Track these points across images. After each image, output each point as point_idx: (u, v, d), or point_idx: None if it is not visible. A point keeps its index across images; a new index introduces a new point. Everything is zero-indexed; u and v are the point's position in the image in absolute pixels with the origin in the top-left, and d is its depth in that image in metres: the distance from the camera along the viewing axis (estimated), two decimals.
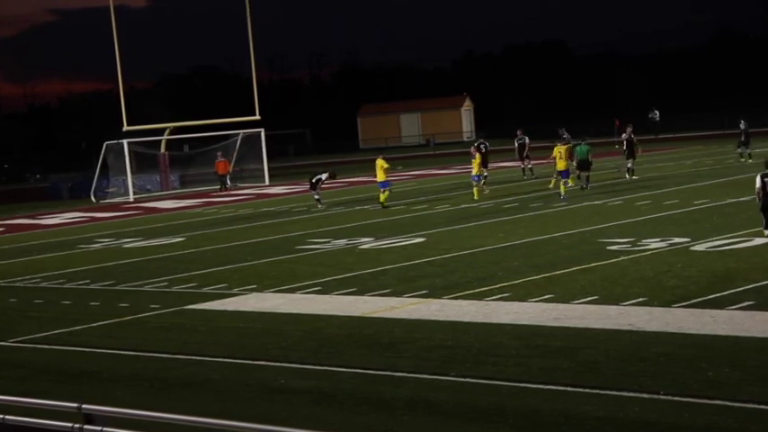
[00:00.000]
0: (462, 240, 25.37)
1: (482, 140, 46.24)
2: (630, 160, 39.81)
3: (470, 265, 21.23)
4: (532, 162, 45.76)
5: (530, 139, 47.18)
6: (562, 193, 33.84)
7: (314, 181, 39.01)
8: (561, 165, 35.09)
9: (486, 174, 42.12)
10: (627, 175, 39.44)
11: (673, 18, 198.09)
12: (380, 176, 36.75)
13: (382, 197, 36.47)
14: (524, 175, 45.47)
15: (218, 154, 56.19)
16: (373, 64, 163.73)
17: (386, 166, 36.74)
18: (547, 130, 67.72)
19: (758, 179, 21.61)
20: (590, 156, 36.95)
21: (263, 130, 58.40)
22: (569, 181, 35.57)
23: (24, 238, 36.54)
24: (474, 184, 37.07)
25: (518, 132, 47.38)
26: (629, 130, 40.73)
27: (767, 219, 21.49)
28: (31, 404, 9.36)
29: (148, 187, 57.56)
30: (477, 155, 37.08)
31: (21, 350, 16.67)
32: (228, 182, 55.63)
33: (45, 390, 13.19)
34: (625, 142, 40.52)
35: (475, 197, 36.12)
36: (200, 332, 16.77)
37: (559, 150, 35.78)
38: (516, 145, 47.23)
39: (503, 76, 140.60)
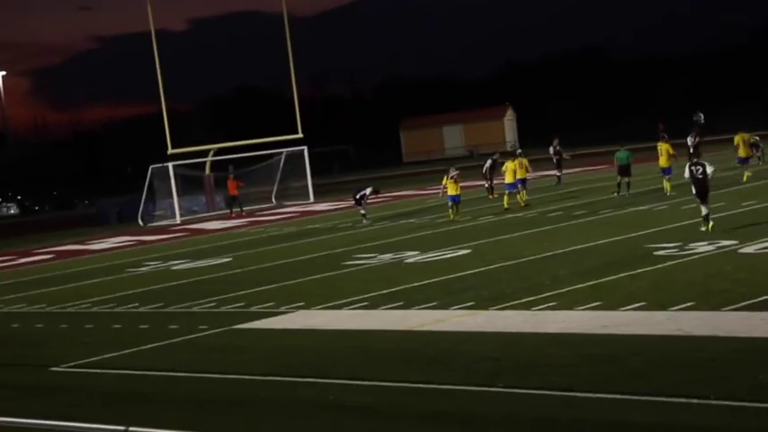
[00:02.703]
0: (507, 250, 25.31)
1: (494, 155, 47.67)
2: None
3: (516, 276, 21.18)
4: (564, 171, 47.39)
5: (565, 147, 48.36)
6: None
7: (358, 197, 39.15)
8: (662, 161, 35.64)
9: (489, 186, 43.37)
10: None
11: (710, 19, 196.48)
12: (508, 179, 37.74)
13: (507, 200, 37.36)
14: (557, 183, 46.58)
15: (230, 176, 55.67)
16: (413, 77, 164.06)
17: (513, 168, 37.84)
18: (588, 136, 67.35)
19: (686, 168, 24.83)
20: (630, 161, 37.00)
21: (305, 147, 58.62)
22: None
23: (73, 264, 36.93)
24: (450, 204, 35.70)
25: (555, 142, 47.60)
26: (694, 133, 39.34)
27: (701, 200, 24.37)
28: (79, 429, 9.44)
29: (195, 209, 57.93)
30: (455, 175, 35.66)
31: (72, 375, 16.83)
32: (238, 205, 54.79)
33: (95, 413, 13.32)
34: (692, 148, 39.05)
35: (450, 217, 35.30)
36: (248, 351, 16.86)
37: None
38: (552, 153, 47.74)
39: (543, 84, 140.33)
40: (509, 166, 38.25)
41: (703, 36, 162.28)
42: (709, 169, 24.34)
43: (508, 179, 37.91)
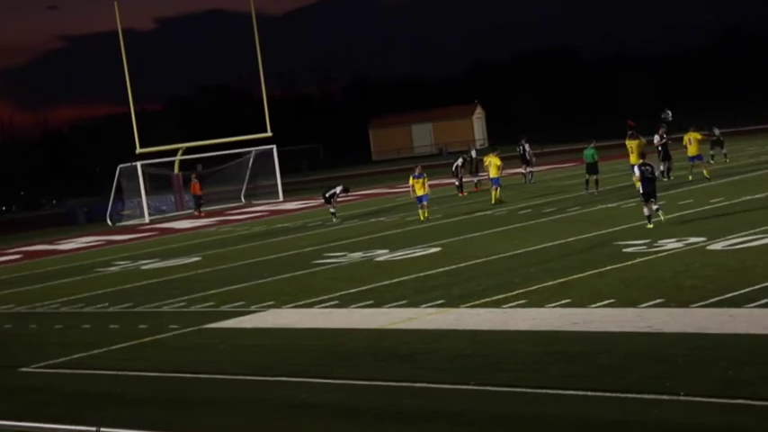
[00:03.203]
0: (477, 249, 25.37)
1: (465, 154, 48.58)
2: (667, 162, 39.05)
3: (486, 273, 21.24)
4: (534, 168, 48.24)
5: (533, 145, 49.23)
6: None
7: (328, 195, 39.14)
8: (633, 159, 35.23)
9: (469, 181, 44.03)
10: (663, 178, 37.45)
11: (678, 18, 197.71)
12: (494, 173, 37.93)
13: (495, 194, 37.52)
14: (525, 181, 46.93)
15: (193, 176, 56.09)
16: (382, 76, 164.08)
17: (499, 163, 38.12)
18: (557, 134, 67.67)
19: (636, 169, 25.41)
20: (597, 158, 37.36)
21: (274, 146, 58.51)
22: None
23: (42, 264, 36.70)
24: (419, 205, 35.06)
25: (523, 140, 48.39)
26: (661, 131, 39.63)
27: (646, 199, 24.88)
28: (51, 429, 9.40)
29: (163, 208, 57.71)
30: (424, 177, 34.96)
31: (42, 376, 16.73)
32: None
33: (65, 414, 13.25)
34: (659, 146, 39.19)
35: (421, 218, 34.65)
36: (219, 350, 16.82)
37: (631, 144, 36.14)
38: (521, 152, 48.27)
39: (512, 82, 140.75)
40: (492, 161, 38.24)
41: (673, 34, 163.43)
42: (657, 171, 25.72)
43: (493, 173, 37.99)
